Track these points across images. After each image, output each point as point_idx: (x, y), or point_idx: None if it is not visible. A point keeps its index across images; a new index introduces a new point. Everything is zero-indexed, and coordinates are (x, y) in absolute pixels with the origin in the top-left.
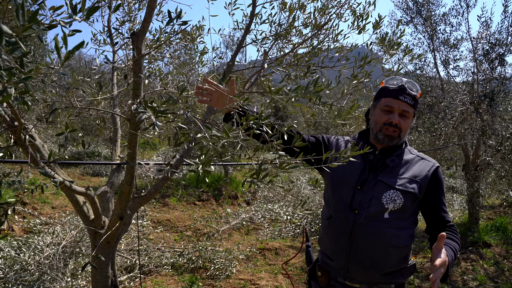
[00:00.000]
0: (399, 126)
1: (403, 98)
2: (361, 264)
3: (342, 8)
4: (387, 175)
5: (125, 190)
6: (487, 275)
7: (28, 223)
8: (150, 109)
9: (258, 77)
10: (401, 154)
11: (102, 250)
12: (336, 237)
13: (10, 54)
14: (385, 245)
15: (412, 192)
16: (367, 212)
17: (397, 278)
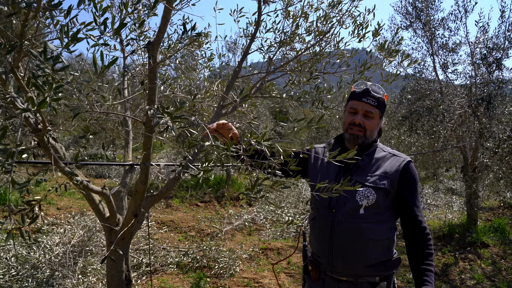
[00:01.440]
0: (363, 125)
1: (366, 99)
2: (343, 259)
3: (344, 16)
4: (360, 174)
5: (139, 189)
6: (484, 274)
7: (35, 223)
8: (167, 115)
9: (263, 82)
10: (372, 153)
11: (117, 246)
12: (319, 236)
13: (52, 68)
14: (363, 239)
15: (383, 187)
16: (344, 210)
17: (381, 271)
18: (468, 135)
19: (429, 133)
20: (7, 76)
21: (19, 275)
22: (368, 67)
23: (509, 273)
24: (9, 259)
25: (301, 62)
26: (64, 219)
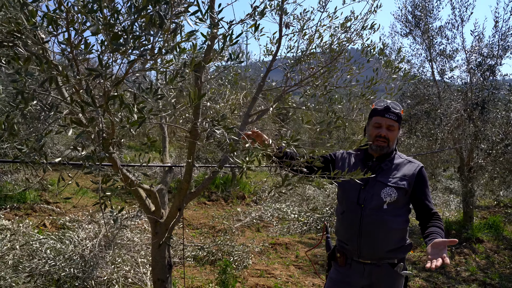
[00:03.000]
0: (387, 137)
1: (388, 115)
2: (370, 245)
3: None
4: (383, 176)
5: (183, 187)
6: (478, 267)
7: (58, 220)
8: (222, 127)
9: (283, 95)
10: (393, 159)
11: (162, 236)
12: (349, 227)
13: (153, 98)
14: (386, 229)
15: (403, 187)
16: (371, 206)
17: (398, 254)
18: (464, 138)
19: (427, 135)
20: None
21: (56, 266)
22: (374, 82)
23: (502, 266)
24: (44, 251)
25: (315, 77)
26: (82, 216)
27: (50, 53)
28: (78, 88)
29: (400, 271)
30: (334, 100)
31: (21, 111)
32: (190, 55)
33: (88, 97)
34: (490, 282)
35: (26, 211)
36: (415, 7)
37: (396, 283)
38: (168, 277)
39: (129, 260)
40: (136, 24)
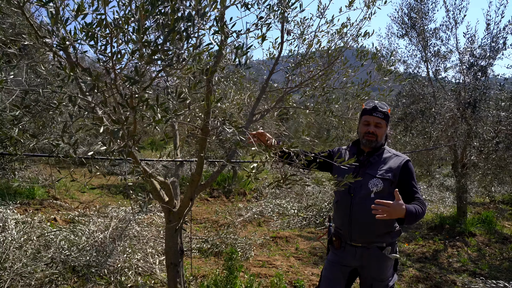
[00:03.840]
0: (375, 133)
1: (376, 114)
2: (359, 230)
3: (349, 39)
4: (371, 169)
5: (195, 179)
6: (469, 259)
7: (67, 215)
8: (233, 126)
9: (284, 95)
10: (381, 154)
11: (176, 222)
12: (341, 214)
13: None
14: (373, 215)
15: (388, 178)
16: (359, 195)
17: (386, 238)
18: (457, 136)
19: (422, 133)
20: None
21: (71, 255)
22: (368, 84)
23: (492, 258)
24: (58, 242)
25: (314, 79)
26: (89, 211)
27: (86, 62)
28: (114, 92)
29: (388, 254)
30: (331, 100)
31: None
32: (206, 63)
33: (123, 99)
34: (480, 272)
35: (35, 207)
36: (411, 9)
37: (384, 265)
38: (180, 261)
39: (139, 250)
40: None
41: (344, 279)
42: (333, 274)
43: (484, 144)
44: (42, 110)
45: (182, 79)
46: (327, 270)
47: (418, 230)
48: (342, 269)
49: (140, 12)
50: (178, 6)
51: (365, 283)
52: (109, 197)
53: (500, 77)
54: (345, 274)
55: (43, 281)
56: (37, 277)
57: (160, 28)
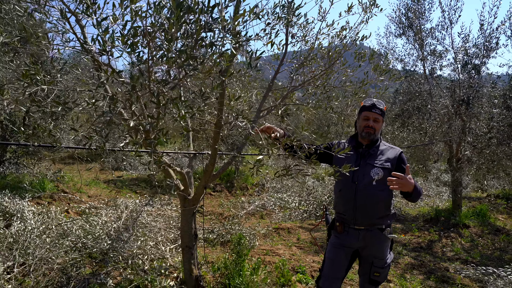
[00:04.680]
0: (373, 127)
1: (374, 110)
2: (363, 214)
3: (348, 41)
4: (371, 159)
5: (209, 169)
6: (463, 249)
7: (78, 207)
8: (246, 120)
9: (289, 94)
10: (378, 146)
11: (190, 209)
12: (346, 201)
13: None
14: (376, 200)
15: (388, 167)
16: (363, 182)
17: (385, 221)
18: (451, 131)
19: (418, 129)
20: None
21: (88, 243)
22: (365, 83)
23: (485, 248)
24: (74, 231)
25: (316, 79)
26: (99, 204)
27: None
28: (147, 92)
29: (387, 234)
30: (331, 98)
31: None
32: (222, 66)
33: (155, 98)
34: (471, 260)
35: (46, 200)
36: (408, 9)
37: (384, 244)
38: (194, 244)
39: (151, 238)
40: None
41: (346, 260)
42: (336, 255)
43: (477, 139)
44: (53, 106)
45: (202, 80)
46: (331, 252)
47: (414, 222)
48: (345, 251)
49: (170, 24)
50: (201, 18)
51: (366, 261)
52: (115, 191)
53: (494, 75)
54: (348, 255)
55: (65, 266)
56: (58, 262)
57: (189, 37)
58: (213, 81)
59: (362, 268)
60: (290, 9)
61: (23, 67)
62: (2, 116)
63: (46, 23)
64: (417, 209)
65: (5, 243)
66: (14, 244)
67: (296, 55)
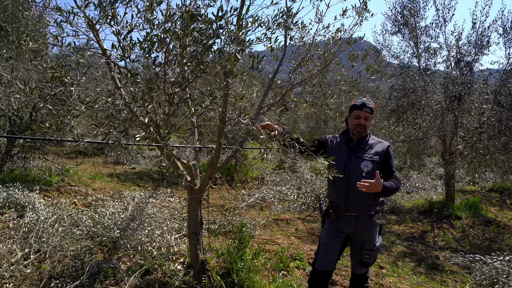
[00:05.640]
0: (364, 125)
1: (365, 109)
2: (354, 202)
3: (343, 43)
4: (361, 153)
5: (214, 161)
6: (454, 239)
7: (85, 199)
8: (247, 117)
9: (288, 92)
10: (368, 141)
11: (196, 199)
12: (339, 190)
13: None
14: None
15: (376, 160)
16: (354, 174)
17: (374, 208)
18: (443, 126)
19: (412, 124)
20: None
21: (97, 232)
22: (358, 82)
23: (475, 238)
24: (84, 221)
25: (312, 78)
26: (104, 196)
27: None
28: (162, 92)
29: (376, 220)
30: (327, 96)
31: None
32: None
33: (169, 97)
34: (461, 249)
35: (53, 193)
36: (404, 7)
37: (374, 229)
38: (200, 231)
39: (157, 227)
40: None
41: (339, 244)
42: (330, 239)
43: (468, 134)
44: (58, 104)
45: (209, 81)
46: (325, 237)
47: (408, 214)
48: (338, 235)
49: (183, 34)
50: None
51: (357, 245)
52: (119, 184)
53: (485, 72)
54: (341, 239)
55: (78, 253)
56: (71, 249)
57: (199, 44)
58: (220, 82)
59: (353, 252)
60: (289, 16)
61: (49, 70)
62: (10, 112)
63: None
64: (412, 202)
65: (21, 232)
66: (28, 233)
67: (294, 55)
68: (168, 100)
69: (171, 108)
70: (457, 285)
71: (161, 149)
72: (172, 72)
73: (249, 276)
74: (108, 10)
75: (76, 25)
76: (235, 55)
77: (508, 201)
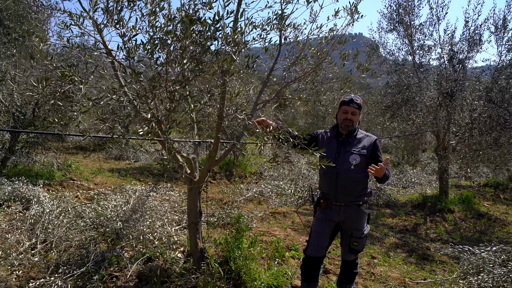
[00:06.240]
0: (351, 120)
1: (352, 105)
2: (343, 193)
3: (335, 42)
4: (350, 147)
5: (212, 155)
6: (445, 231)
7: (87, 193)
8: (244, 113)
9: (282, 89)
10: (356, 135)
11: (196, 190)
12: (329, 182)
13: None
14: (353, 181)
15: (364, 153)
16: (343, 167)
17: (362, 198)
18: (436, 122)
19: (405, 120)
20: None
21: (101, 223)
22: (349, 80)
23: (466, 230)
24: (88, 213)
25: (306, 76)
26: (106, 190)
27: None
28: (163, 90)
29: (364, 209)
30: (320, 93)
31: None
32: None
33: (170, 94)
34: (452, 241)
35: (56, 187)
36: (399, 5)
37: (362, 218)
38: (199, 221)
39: (158, 219)
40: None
41: (330, 231)
42: (321, 228)
43: (461, 129)
44: (60, 100)
45: (207, 79)
46: (316, 225)
47: (403, 208)
48: (329, 224)
49: (183, 37)
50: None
51: (346, 233)
52: (120, 179)
53: (477, 69)
54: (331, 227)
55: (83, 242)
56: (76, 239)
57: (198, 46)
58: (217, 80)
59: (343, 239)
60: (282, 18)
61: (59, 69)
62: (14, 108)
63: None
64: (407, 196)
65: (27, 223)
66: (35, 224)
67: (289, 54)
68: (169, 97)
69: (172, 104)
70: (445, 273)
71: (162, 143)
72: (173, 71)
73: (245, 264)
74: (115, 15)
75: (84, 28)
76: (231, 55)
77: (501, 196)
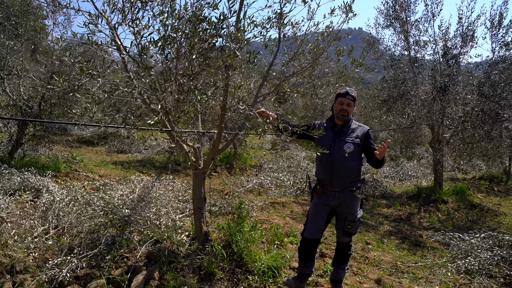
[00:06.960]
0: (346, 110)
1: (347, 97)
2: (338, 179)
3: (331, 38)
4: (344, 136)
5: (216, 144)
6: (438, 220)
7: (93, 184)
8: (246, 105)
9: (281, 83)
10: (350, 125)
11: (200, 176)
12: (324, 169)
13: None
14: (347, 169)
15: (357, 142)
16: (338, 155)
17: (356, 184)
18: (430, 115)
19: (400, 113)
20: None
21: (109, 211)
22: (344, 74)
23: (458, 220)
24: (96, 202)
25: (303, 70)
26: (110, 181)
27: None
28: (173, 83)
29: (357, 195)
30: (316, 87)
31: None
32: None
33: (180, 87)
34: (444, 229)
35: (62, 178)
36: (395, 2)
37: (355, 203)
38: (203, 206)
39: (163, 206)
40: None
41: (325, 215)
42: (317, 212)
43: (454, 123)
44: (65, 94)
45: (212, 73)
46: (313, 210)
47: (398, 198)
48: (325, 208)
49: (192, 35)
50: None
51: (341, 217)
52: (123, 171)
53: (471, 64)
54: (327, 212)
55: (93, 228)
56: (86, 225)
57: (204, 42)
58: (221, 74)
59: (338, 223)
60: (281, 17)
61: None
62: (21, 102)
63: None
64: (403, 188)
65: (39, 211)
66: (46, 212)
67: (288, 50)
68: (178, 89)
69: (181, 96)
70: (435, 258)
71: (170, 133)
72: (183, 65)
73: (246, 246)
74: (128, 15)
75: (102, 26)
76: (234, 52)
77: (496, 188)
